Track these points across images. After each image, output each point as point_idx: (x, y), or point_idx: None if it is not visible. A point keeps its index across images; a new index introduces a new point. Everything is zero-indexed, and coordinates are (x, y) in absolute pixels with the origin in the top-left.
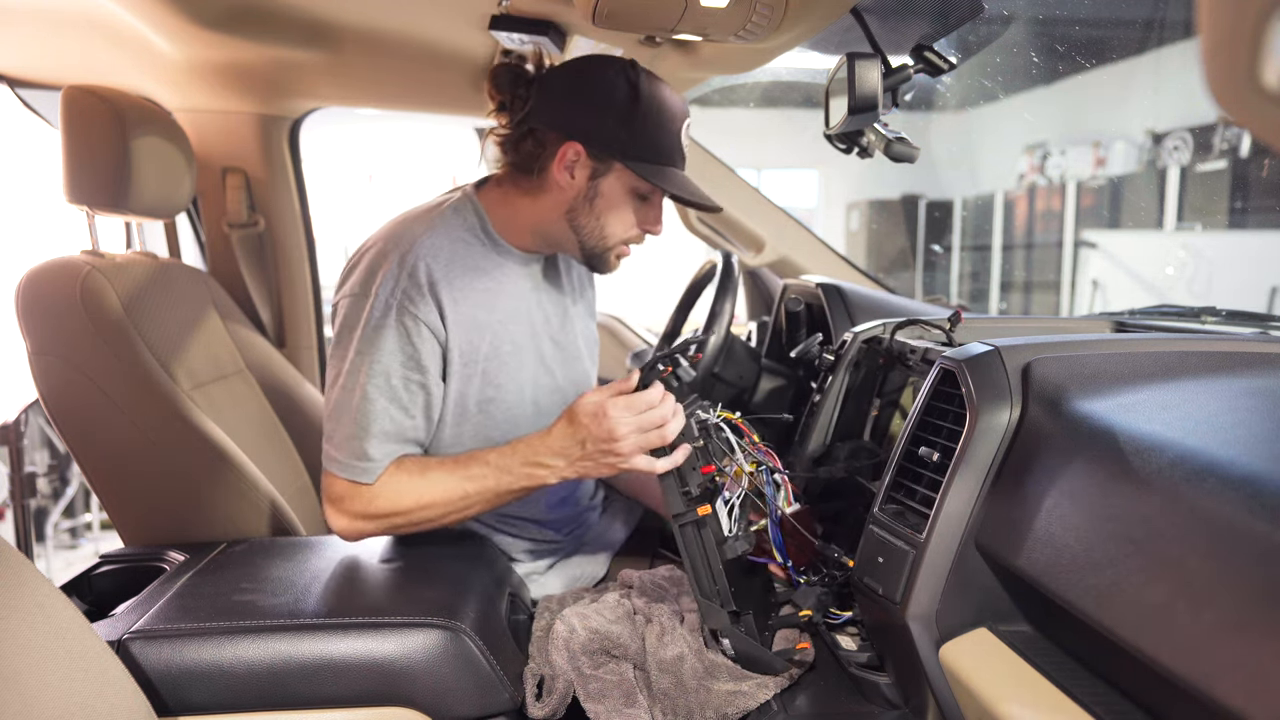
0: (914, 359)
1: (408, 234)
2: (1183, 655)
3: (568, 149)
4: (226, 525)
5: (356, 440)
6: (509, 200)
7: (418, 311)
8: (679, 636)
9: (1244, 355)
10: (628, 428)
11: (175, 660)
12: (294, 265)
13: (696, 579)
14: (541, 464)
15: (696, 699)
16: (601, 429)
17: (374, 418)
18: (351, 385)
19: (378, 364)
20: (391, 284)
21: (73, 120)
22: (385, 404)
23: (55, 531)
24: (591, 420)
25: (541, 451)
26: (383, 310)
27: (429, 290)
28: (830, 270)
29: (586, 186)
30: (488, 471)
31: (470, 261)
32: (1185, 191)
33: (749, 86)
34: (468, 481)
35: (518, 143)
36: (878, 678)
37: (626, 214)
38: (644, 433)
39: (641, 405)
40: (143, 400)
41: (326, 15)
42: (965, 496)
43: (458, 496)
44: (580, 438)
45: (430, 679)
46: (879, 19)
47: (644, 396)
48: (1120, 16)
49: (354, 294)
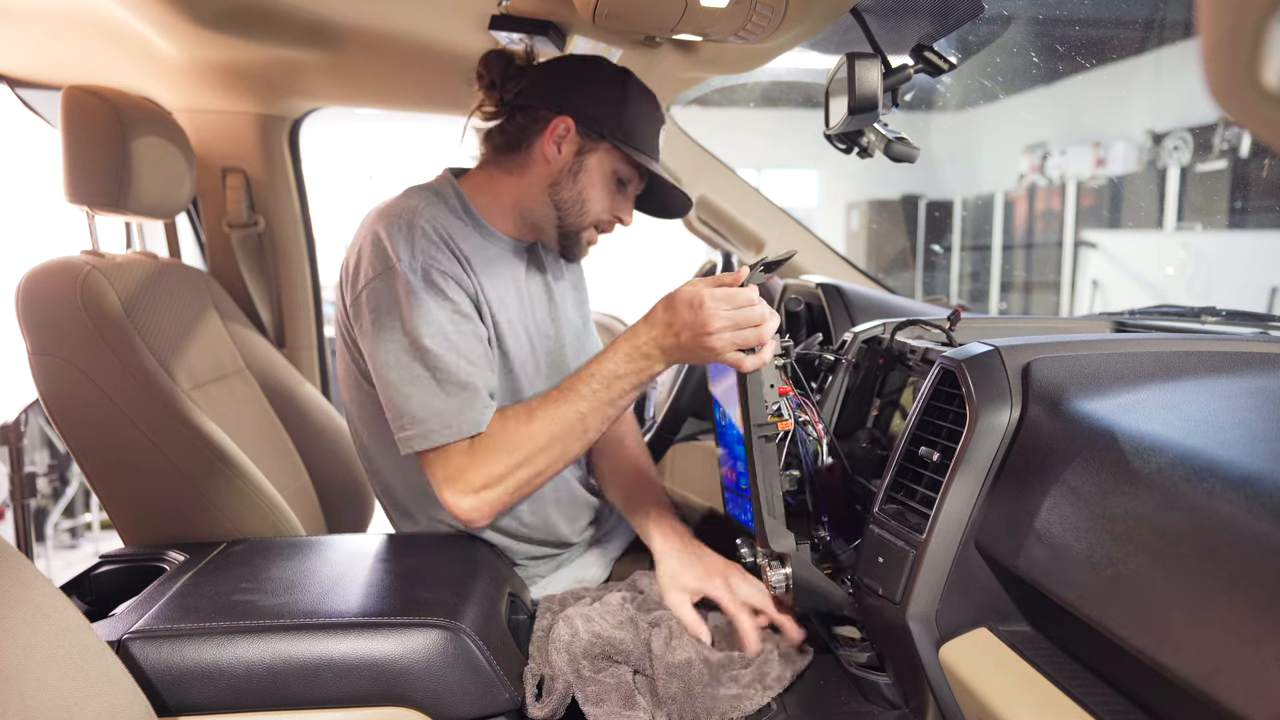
0: (914, 359)
1: (405, 206)
2: (1183, 655)
3: (558, 123)
4: (226, 525)
5: (452, 397)
6: (492, 181)
7: (444, 267)
8: (686, 642)
9: (1244, 355)
10: (724, 321)
11: (175, 660)
12: (294, 265)
13: (769, 496)
14: (646, 354)
15: (703, 704)
16: (698, 318)
17: (453, 369)
18: (420, 355)
19: (431, 324)
20: (409, 248)
21: (73, 120)
22: (454, 357)
23: (55, 531)
24: (687, 308)
25: (643, 342)
26: (410, 274)
27: (447, 246)
28: (830, 270)
29: (572, 161)
30: (598, 385)
31: (463, 236)
32: (1185, 191)
33: (749, 86)
34: (580, 401)
35: (508, 119)
36: (878, 678)
37: (605, 194)
38: (739, 329)
39: (741, 300)
40: (143, 400)
41: (326, 15)
42: (965, 496)
43: (575, 421)
44: (676, 327)
45: (430, 679)
46: (879, 19)
47: (744, 292)
48: (1120, 16)
49: (377, 274)
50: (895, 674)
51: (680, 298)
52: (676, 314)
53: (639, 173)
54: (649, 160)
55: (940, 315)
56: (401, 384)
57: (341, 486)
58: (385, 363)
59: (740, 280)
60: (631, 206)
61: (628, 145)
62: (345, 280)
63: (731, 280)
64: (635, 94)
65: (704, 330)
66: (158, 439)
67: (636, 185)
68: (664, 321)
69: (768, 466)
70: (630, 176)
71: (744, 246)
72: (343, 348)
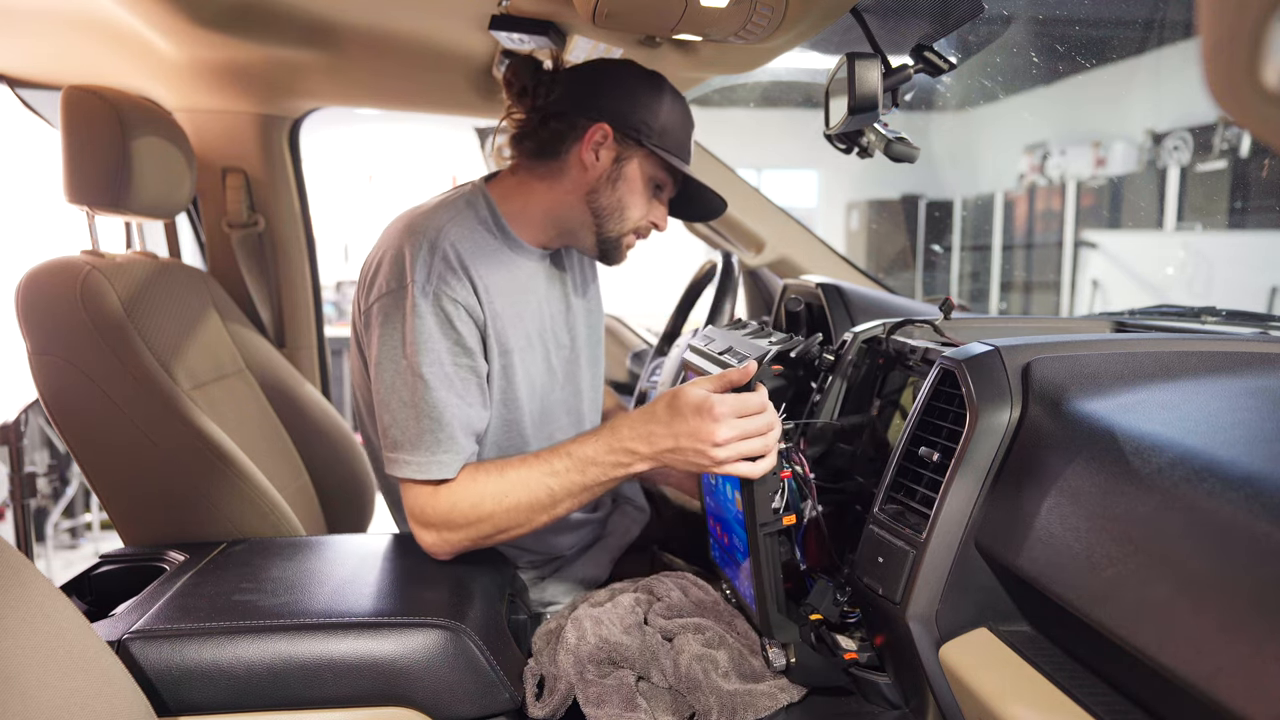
0: (914, 359)
1: (430, 223)
2: (1183, 655)
3: (596, 130)
4: (226, 525)
5: (428, 434)
6: (524, 188)
7: (455, 295)
8: (700, 650)
9: (1244, 355)
10: (732, 432)
11: (175, 660)
12: (294, 265)
13: (775, 592)
14: (630, 450)
15: (718, 699)
16: (704, 428)
17: (439, 408)
18: (412, 381)
19: (430, 353)
20: (425, 270)
21: (73, 120)
22: (445, 393)
23: (55, 531)
24: (694, 415)
25: (630, 438)
26: (421, 297)
27: (463, 272)
28: (830, 270)
29: (610, 168)
30: (571, 465)
31: (488, 252)
32: (1185, 191)
33: (749, 86)
34: (551, 478)
35: (541, 125)
36: (878, 678)
37: (643, 200)
38: (746, 439)
39: (753, 407)
40: (143, 400)
41: (326, 15)
42: (965, 496)
43: (543, 494)
44: (676, 431)
45: (430, 679)
46: (879, 19)
47: (755, 399)
48: (1120, 16)
49: (389, 290)
50: (895, 674)
51: (687, 401)
52: (681, 419)
53: (674, 177)
54: (685, 165)
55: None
56: (393, 405)
57: (341, 486)
58: (383, 379)
59: (748, 377)
60: (666, 211)
61: (665, 150)
62: (362, 287)
63: (739, 378)
64: (670, 97)
65: (709, 440)
66: (158, 439)
67: (671, 189)
68: (664, 422)
69: (772, 562)
70: (665, 181)
71: (744, 246)
72: (355, 346)
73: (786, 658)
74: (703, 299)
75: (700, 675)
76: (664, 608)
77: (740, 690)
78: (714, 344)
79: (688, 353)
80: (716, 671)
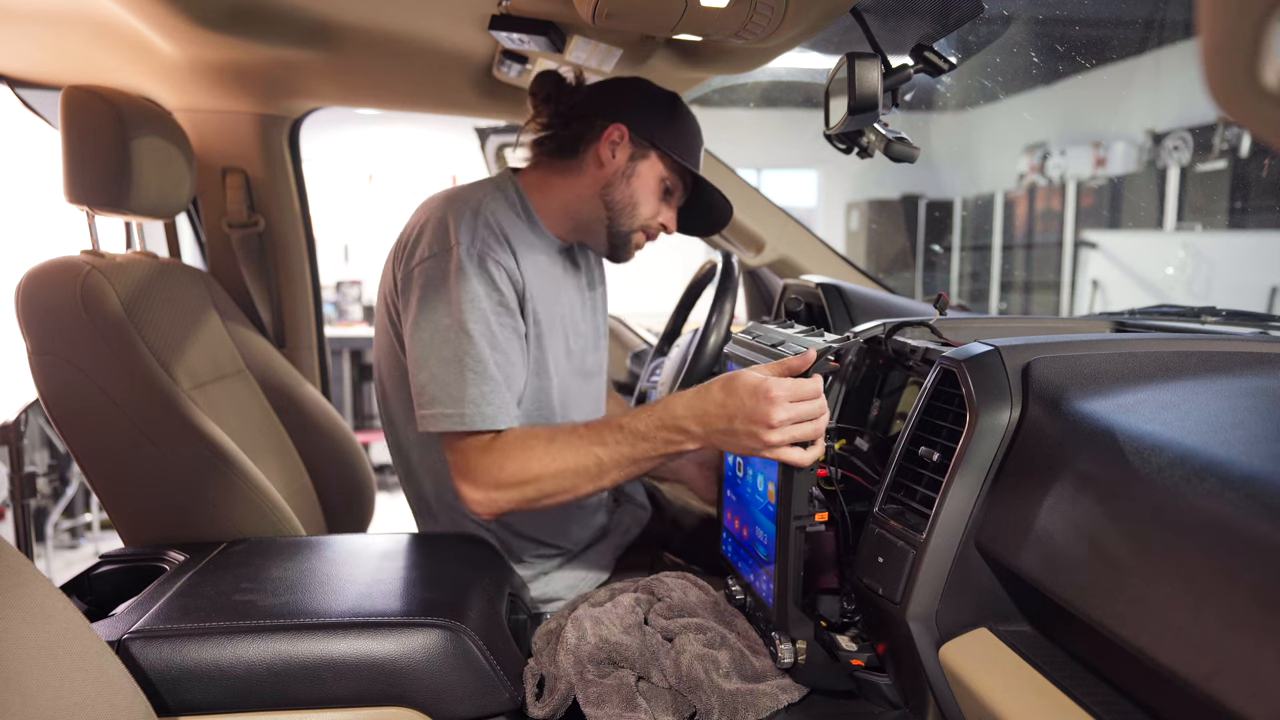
0: (914, 359)
1: (471, 196)
2: (1183, 655)
3: (613, 130)
4: (226, 525)
5: (472, 386)
6: (544, 183)
7: (499, 258)
8: (701, 650)
9: (1244, 355)
10: (787, 414)
11: (175, 660)
12: (294, 265)
13: (795, 584)
14: (682, 429)
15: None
16: (759, 409)
17: (484, 361)
18: (456, 338)
19: (476, 310)
20: (470, 234)
21: (73, 120)
22: (488, 348)
23: (55, 531)
24: (751, 396)
25: (683, 416)
26: (467, 258)
27: (504, 240)
28: (830, 270)
29: (625, 165)
30: (621, 437)
31: (519, 232)
32: (1185, 191)
33: (749, 86)
34: (600, 447)
35: (563, 125)
36: (878, 678)
37: (654, 199)
38: (799, 424)
39: (808, 392)
40: (143, 400)
41: (326, 15)
42: (965, 496)
43: (591, 463)
44: (731, 411)
45: (430, 679)
46: (879, 19)
47: (811, 384)
48: (1120, 16)
49: (433, 254)
50: (895, 674)
51: (744, 383)
52: (737, 399)
53: (683, 182)
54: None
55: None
56: (432, 362)
57: (341, 486)
58: (421, 339)
59: (808, 365)
60: (675, 215)
61: (675, 154)
62: (399, 255)
63: (798, 365)
64: (683, 112)
65: (764, 421)
66: (158, 439)
67: (680, 196)
68: (719, 403)
69: (799, 557)
70: (676, 185)
71: (744, 246)
72: (385, 325)
73: (796, 654)
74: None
75: (701, 675)
76: (664, 608)
77: (741, 690)
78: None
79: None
80: (718, 671)
